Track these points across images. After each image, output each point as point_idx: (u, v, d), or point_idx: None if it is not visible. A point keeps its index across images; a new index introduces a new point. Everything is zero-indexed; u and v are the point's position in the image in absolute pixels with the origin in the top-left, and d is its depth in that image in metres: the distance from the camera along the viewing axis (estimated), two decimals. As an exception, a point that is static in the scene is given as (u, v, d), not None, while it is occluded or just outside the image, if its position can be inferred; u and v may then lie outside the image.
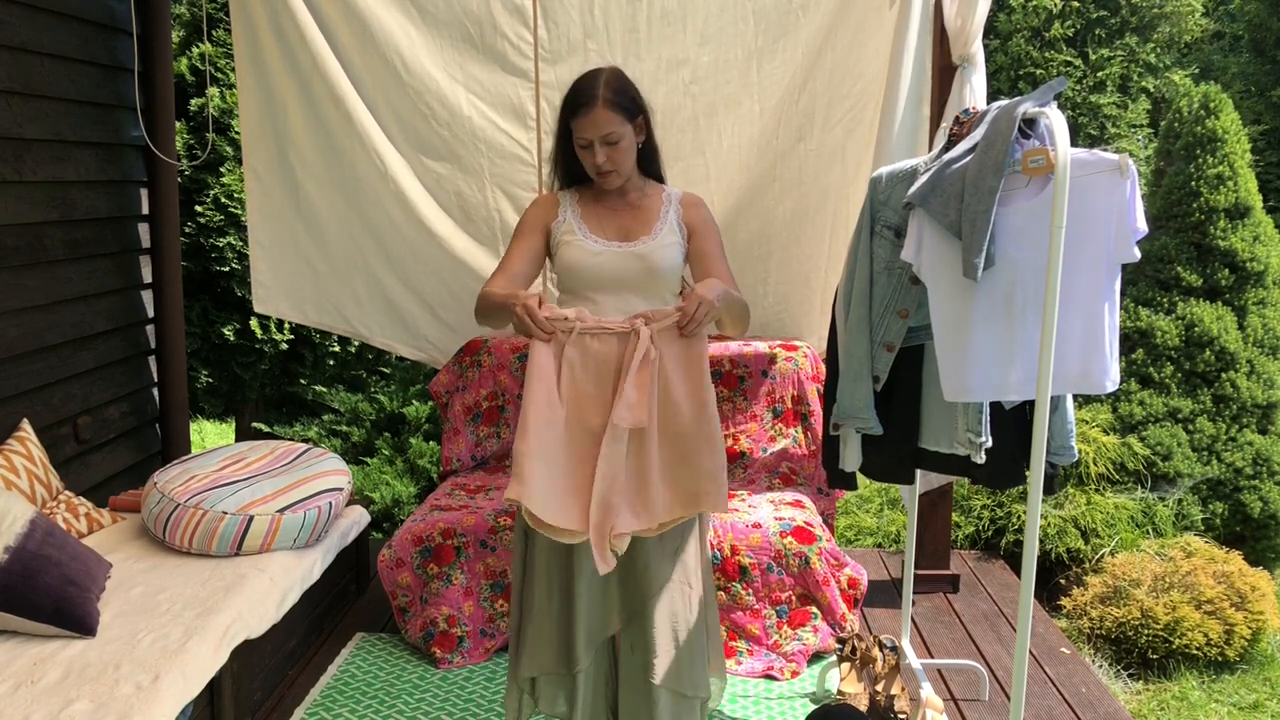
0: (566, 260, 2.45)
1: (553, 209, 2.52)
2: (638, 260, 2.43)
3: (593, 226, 2.48)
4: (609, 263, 2.43)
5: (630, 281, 2.43)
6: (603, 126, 2.36)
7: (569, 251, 2.45)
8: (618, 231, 2.47)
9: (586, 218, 2.49)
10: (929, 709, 2.80)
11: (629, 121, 2.41)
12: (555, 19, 3.85)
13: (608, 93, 2.37)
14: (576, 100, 2.39)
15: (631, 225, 2.48)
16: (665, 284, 2.47)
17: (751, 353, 3.95)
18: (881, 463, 2.89)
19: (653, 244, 2.45)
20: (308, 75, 3.87)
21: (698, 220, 2.53)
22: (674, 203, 2.53)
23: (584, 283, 2.44)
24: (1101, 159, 2.32)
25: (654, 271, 2.43)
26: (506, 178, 4.04)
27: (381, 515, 5.08)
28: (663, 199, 2.53)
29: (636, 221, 2.49)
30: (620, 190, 2.51)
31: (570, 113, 2.40)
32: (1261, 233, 4.83)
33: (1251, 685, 3.86)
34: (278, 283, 4.12)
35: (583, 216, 2.49)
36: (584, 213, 2.50)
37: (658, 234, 2.47)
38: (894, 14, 3.71)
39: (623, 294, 2.43)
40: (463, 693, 3.20)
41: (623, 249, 2.44)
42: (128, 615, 2.60)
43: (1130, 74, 7.47)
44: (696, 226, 2.52)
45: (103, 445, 3.78)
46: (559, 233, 2.48)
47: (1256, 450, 4.62)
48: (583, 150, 2.42)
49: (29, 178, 3.36)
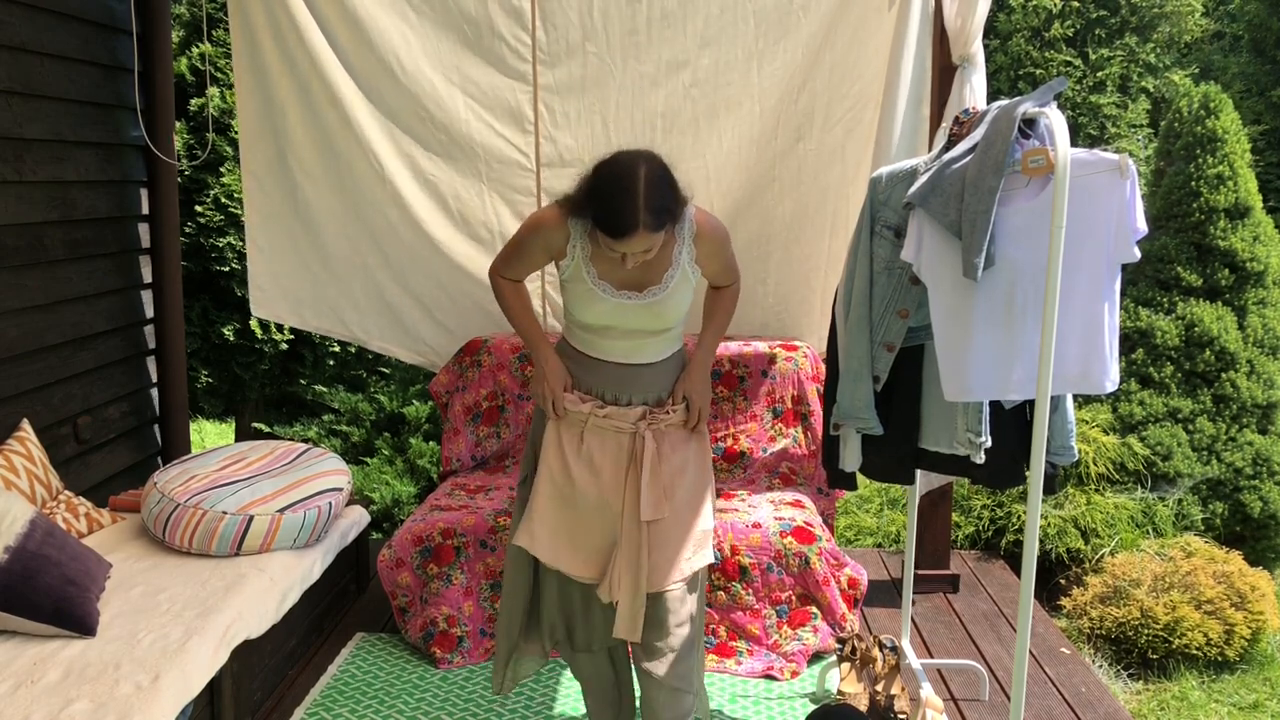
0: (574, 301, 2.41)
1: (561, 240, 2.39)
2: (646, 310, 2.39)
3: (601, 270, 2.37)
4: (617, 311, 2.39)
5: (640, 327, 2.42)
6: (640, 245, 2.24)
7: (577, 293, 2.39)
8: (628, 281, 2.37)
9: (595, 259, 2.37)
10: (929, 709, 2.80)
11: (668, 228, 2.28)
12: (554, 21, 3.84)
13: (648, 216, 2.20)
14: (612, 225, 2.21)
15: (643, 275, 2.37)
16: (676, 323, 2.46)
17: (751, 353, 3.95)
18: (881, 463, 2.89)
19: (663, 295, 2.38)
20: (306, 77, 3.86)
21: (709, 252, 2.45)
22: (687, 241, 2.40)
23: (591, 328, 2.43)
24: (1101, 159, 2.32)
25: (663, 318, 2.42)
26: (504, 181, 4.03)
27: (381, 515, 5.07)
28: (675, 240, 2.39)
29: (648, 271, 2.37)
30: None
31: (605, 232, 2.23)
32: (1261, 233, 4.83)
33: (1251, 685, 3.86)
34: (275, 286, 4.11)
35: (592, 257, 2.37)
36: (594, 253, 2.37)
37: (668, 284, 2.39)
38: (894, 14, 3.70)
39: (631, 337, 2.43)
40: (463, 693, 3.20)
41: (632, 300, 2.38)
42: (128, 615, 2.60)
43: (1130, 74, 7.47)
44: (708, 257, 2.45)
45: (103, 445, 3.78)
46: (567, 270, 2.40)
47: (1256, 450, 4.62)
48: (613, 253, 2.29)
49: (29, 178, 3.36)
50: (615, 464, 2.44)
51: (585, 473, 2.45)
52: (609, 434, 2.44)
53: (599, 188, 2.24)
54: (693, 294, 2.47)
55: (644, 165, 2.22)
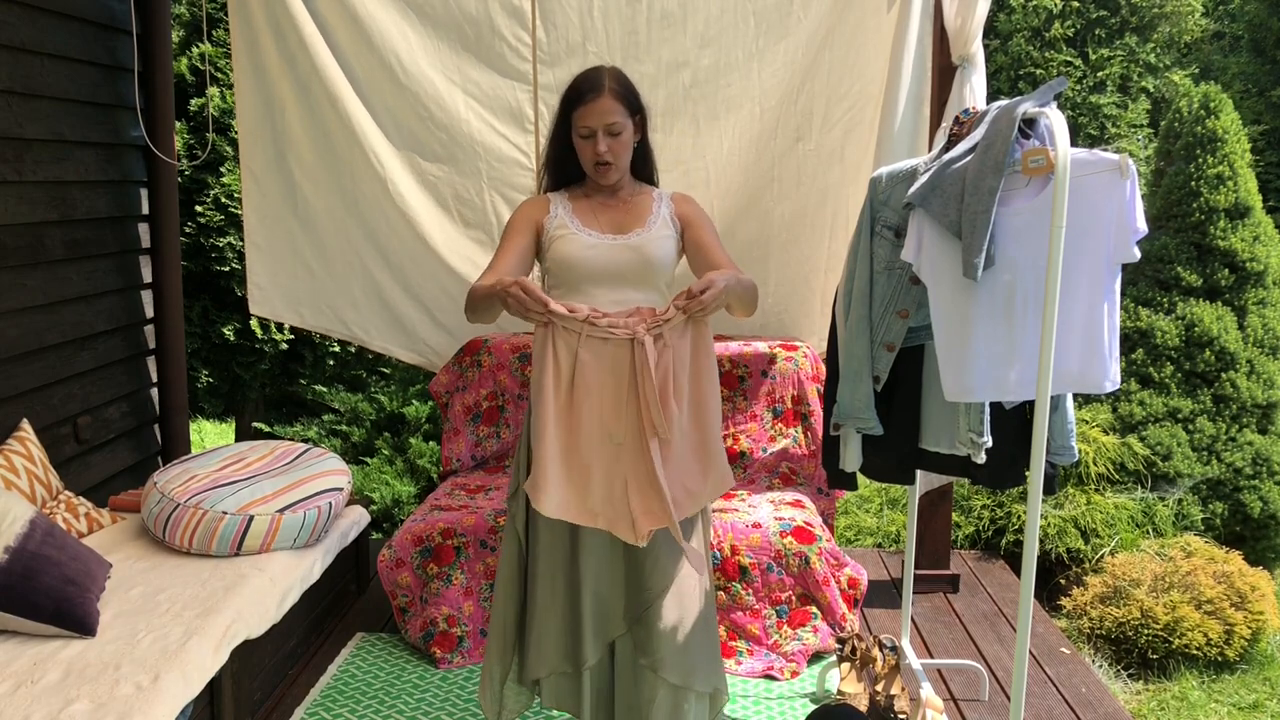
0: (561, 253, 2.44)
1: (543, 207, 2.52)
2: (632, 252, 2.43)
3: (585, 220, 2.47)
4: (604, 255, 2.43)
5: (625, 274, 2.43)
6: (607, 115, 2.38)
7: (563, 245, 2.44)
8: (611, 225, 2.48)
9: (579, 212, 2.49)
10: (929, 709, 2.80)
11: (631, 116, 2.43)
12: (554, 21, 3.85)
13: (613, 84, 2.41)
14: (581, 89, 2.41)
15: (624, 219, 2.49)
16: (660, 276, 2.47)
17: (751, 353, 3.95)
18: (882, 463, 2.89)
19: (647, 235, 2.46)
20: (306, 77, 3.87)
21: (690, 213, 2.55)
22: (665, 200, 2.55)
23: (579, 275, 2.43)
24: (1101, 159, 2.32)
25: (649, 262, 2.44)
26: (504, 181, 4.03)
27: (381, 515, 5.08)
28: (654, 197, 2.55)
29: (629, 216, 2.49)
30: (612, 189, 2.51)
31: (574, 101, 2.41)
32: (1261, 233, 4.83)
33: (1251, 685, 3.86)
34: (274, 285, 4.11)
35: (574, 211, 2.49)
36: (575, 208, 2.50)
37: (651, 226, 2.48)
38: (894, 14, 3.70)
39: (618, 287, 2.43)
40: (463, 693, 3.20)
41: (617, 241, 2.45)
42: (128, 615, 2.60)
43: (1130, 74, 7.48)
44: (690, 219, 2.54)
45: (103, 445, 3.78)
46: (551, 228, 2.47)
47: (1256, 450, 4.63)
48: (583, 140, 2.42)
49: (29, 178, 3.36)
50: (616, 380, 2.28)
51: (584, 397, 2.29)
52: (606, 347, 2.28)
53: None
54: (676, 251, 2.50)
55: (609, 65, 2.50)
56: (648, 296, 2.44)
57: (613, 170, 2.45)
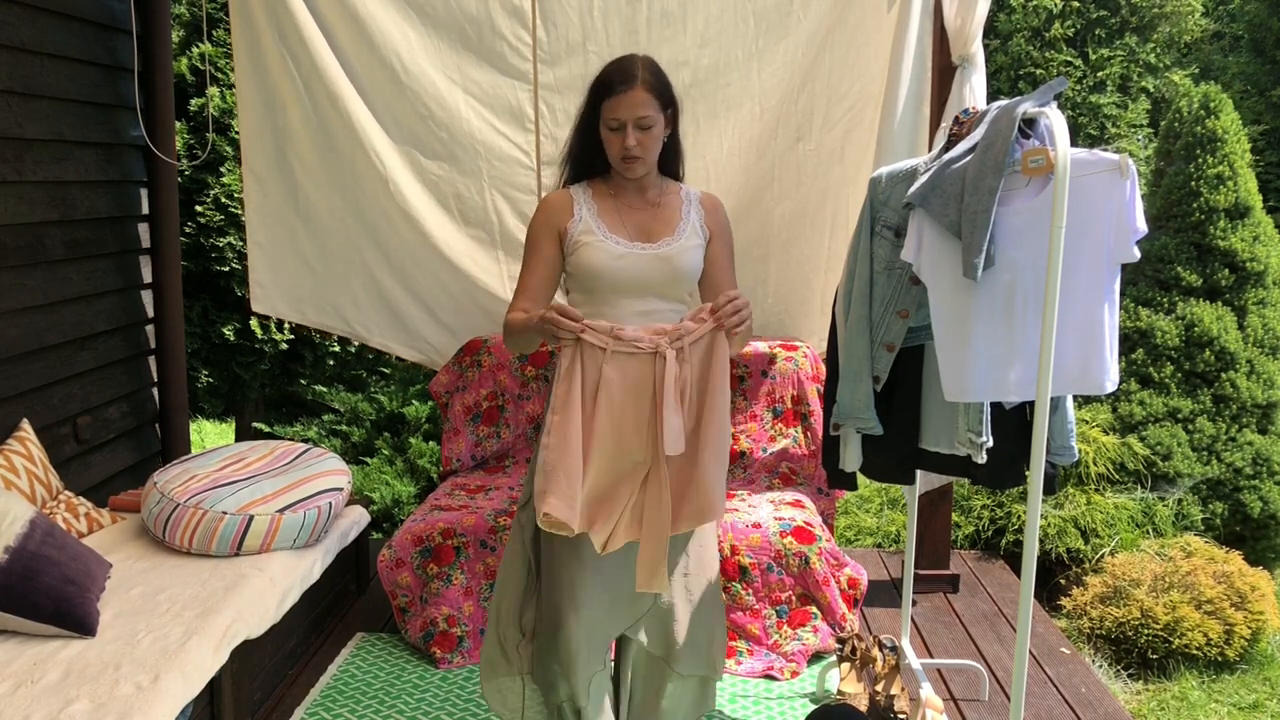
0: (587, 262, 2.34)
1: (565, 209, 2.39)
2: (661, 262, 2.34)
3: (611, 224, 2.36)
4: (632, 265, 2.33)
5: (652, 285, 2.35)
6: (639, 108, 2.27)
7: (589, 253, 2.34)
8: (639, 231, 2.37)
9: (604, 215, 2.37)
10: (929, 709, 2.80)
11: (663, 110, 2.32)
12: (554, 20, 3.85)
13: (647, 74, 2.30)
14: (613, 79, 2.30)
15: (653, 225, 2.38)
16: (686, 286, 2.41)
17: (751, 353, 3.95)
18: (882, 463, 2.89)
19: (677, 245, 2.36)
20: (307, 76, 3.87)
21: (718, 226, 2.45)
22: (694, 203, 2.44)
23: (604, 285, 2.35)
24: (1101, 159, 2.32)
25: (678, 274, 2.36)
26: (505, 180, 4.03)
27: (381, 515, 5.08)
28: (682, 197, 2.44)
29: (658, 221, 2.38)
30: (639, 186, 2.40)
31: (604, 92, 2.31)
32: (1261, 233, 4.83)
33: (1251, 685, 3.86)
34: (276, 283, 4.12)
35: (600, 214, 2.37)
36: (600, 209, 2.38)
37: (681, 234, 2.38)
38: (894, 14, 3.71)
39: (644, 297, 2.35)
40: (463, 693, 3.20)
41: (646, 250, 2.35)
42: (127, 615, 2.60)
43: (1130, 74, 7.48)
44: (716, 232, 2.45)
45: (103, 445, 3.78)
46: (576, 232, 2.36)
47: (1256, 450, 4.62)
48: (611, 133, 2.31)
49: (29, 178, 3.36)
50: (637, 397, 2.25)
51: (605, 413, 2.25)
52: (631, 363, 2.25)
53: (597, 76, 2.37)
54: (703, 260, 2.41)
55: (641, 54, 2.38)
56: (672, 306, 2.38)
57: (640, 164, 2.34)
